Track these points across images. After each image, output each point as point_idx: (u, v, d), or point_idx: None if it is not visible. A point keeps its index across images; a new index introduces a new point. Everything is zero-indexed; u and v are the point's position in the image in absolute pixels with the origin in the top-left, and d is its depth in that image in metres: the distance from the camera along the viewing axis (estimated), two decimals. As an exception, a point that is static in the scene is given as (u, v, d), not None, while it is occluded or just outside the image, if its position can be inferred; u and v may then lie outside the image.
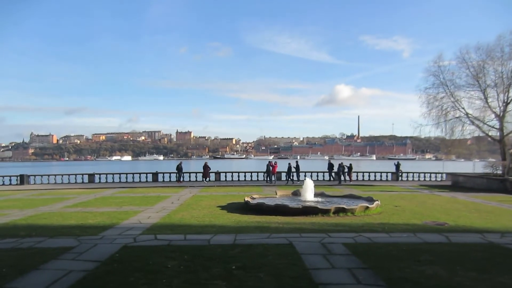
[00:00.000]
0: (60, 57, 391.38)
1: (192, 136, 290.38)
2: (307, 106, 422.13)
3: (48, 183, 29.04)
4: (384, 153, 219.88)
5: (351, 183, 27.14)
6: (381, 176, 30.28)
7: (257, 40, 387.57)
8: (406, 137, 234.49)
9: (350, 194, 16.45)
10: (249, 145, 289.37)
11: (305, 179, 17.91)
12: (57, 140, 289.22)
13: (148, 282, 5.63)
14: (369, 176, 30.23)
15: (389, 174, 30.45)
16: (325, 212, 12.02)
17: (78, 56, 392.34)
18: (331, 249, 7.47)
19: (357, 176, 29.99)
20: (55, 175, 30.10)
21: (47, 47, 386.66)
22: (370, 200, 14.24)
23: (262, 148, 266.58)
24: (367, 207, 12.63)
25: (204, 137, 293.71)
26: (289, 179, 26.38)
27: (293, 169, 26.86)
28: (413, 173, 31.56)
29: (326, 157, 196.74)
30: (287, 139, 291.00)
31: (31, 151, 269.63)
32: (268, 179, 26.57)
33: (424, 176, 30.83)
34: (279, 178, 27.92)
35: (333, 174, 28.25)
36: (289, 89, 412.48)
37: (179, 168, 28.11)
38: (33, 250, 7.74)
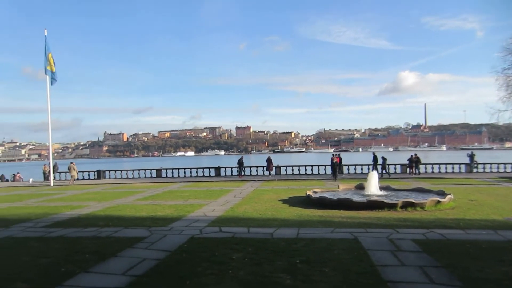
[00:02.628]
0: (126, 60, 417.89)
1: (251, 131, 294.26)
2: (368, 96, 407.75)
3: (121, 178, 31.20)
4: (456, 143, 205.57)
5: (418, 176, 25.67)
6: (453, 168, 28.32)
7: (311, 31, 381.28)
8: (481, 125, 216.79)
9: (418, 188, 15.58)
10: (309, 138, 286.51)
11: (368, 172, 17.33)
12: (127, 138, 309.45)
13: (215, 273, 5.81)
14: (439, 168, 28.43)
15: (462, 166, 28.36)
16: (392, 206, 11.52)
17: (142, 59, 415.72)
18: (400, 246, 7.15)
19: (425, 168, 28.34)
20: (127, 170, 32.27)
21: (114, 50, 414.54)
22: (442, 193, 13.39)
23: (322, 141, 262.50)
24: (439, 201, 11.87)
25: (263, 131, 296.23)
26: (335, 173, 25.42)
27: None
28: (491, 164, 29.06)
29: (391, 149, 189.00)
30: (347, 131, 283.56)
31: (105, 148, 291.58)
32: (333, 173, 25.51)
33: (505, 167, 28.23)
34: (341, 172, 27.31)
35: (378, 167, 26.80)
36: (348, 79, 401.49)
37: (240, 163, 28.61)
38: (111, 239, 8.37)
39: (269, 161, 28.29)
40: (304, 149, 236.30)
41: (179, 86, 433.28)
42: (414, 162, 26.43)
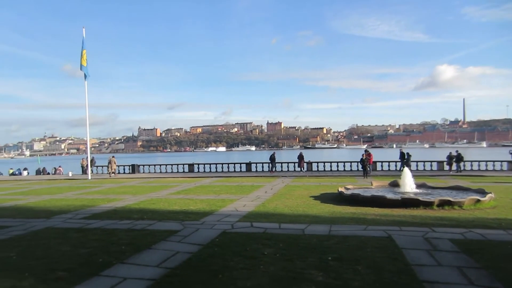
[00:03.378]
0: (160, 57, 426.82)
1: (282, 126, 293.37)
2: (402, 91, 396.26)
3: (155, 172, 32.00)
4: (497, 139, 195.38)
5: (458, 173, 24.67)
6: (493, 165, 26.98)
7: (344, 25, 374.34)
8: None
9: (456, 186, 14.96)
10: (341, 134, 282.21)
11: (403, 169, 16.84)
12: (160, 133, 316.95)
13: (246, 267, 5.84)
14: (478, 165, 27.20)
15: (504, 163, 26.94)
16: (428, 204, 11.15)
17: (175, 55, 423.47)
18: (436, 245, 6.90)
19: (464, 166, 27.20)
20: (160, 165, 33.03)
21: (149, 48, 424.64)
22: (481, 192, 12.81)
23: (355, 137, 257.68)
24: (478, 200, 11.35)
25: (294, 127, 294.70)
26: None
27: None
28: (536, 162, 27.49)
29: (426, 145, 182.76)
30: (381, 127, 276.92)
31: (139, 143, 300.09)
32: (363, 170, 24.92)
33: (555, 166, 26.59)
34: (374, 169, 26.73)
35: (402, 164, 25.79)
36: (382, 74, 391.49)
37: (272, 158, 28.54)
38: (145, 232, 8.60)
39: (300, 157, 28.11)
40: (336, 145, 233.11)
41: (211, 81, 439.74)
42: (455, 158, 25.33)
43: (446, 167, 26.26)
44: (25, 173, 38.81)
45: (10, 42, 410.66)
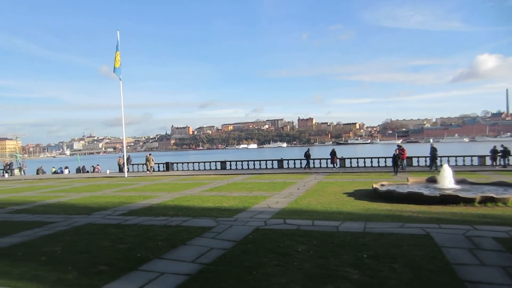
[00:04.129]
0: (192, 56, 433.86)
1: (313, 122, 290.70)
2: (439, 83, 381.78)
3: (188, 170, 32.61)
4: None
5: (504, 168, 23.49)
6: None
7: (376, 17, 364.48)
8: None
9: (499, 181, 14.24)
10: (374, 129, 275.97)
11: (441, 164, 16.23)
12: (193, 132, 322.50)
13: (280, 264, 5.85)
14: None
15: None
16: (469, 201, 10.69)
17: (206, 54, 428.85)
18: (479, 243, 6.61)
19: (508, 160, 25.82)
20: (193, 162, 33.63)
21: (178, 49, 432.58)
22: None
23: (389, 132, 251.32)
24: (524, 197, 10.77)
25: (326, 123, 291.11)
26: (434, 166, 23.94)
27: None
28: None
29: (466, 139, 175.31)
30: (417, 121, 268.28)
31: (172, 141, 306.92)
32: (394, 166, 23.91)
33: None
34: (410, 164, 25.95)
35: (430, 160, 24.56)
36: (417, 66, 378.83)
37: (307, 155, 28.23)
38: (180, 228, 8.79)
39: (333, 153, 27.71)
40: (369, 140, 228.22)
41: (241, 79, 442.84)
42: (501, 153, 24.11)
43: (489, 162, 25.04)
44: (66, 171, 40.66)
45: (52, 48, 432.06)
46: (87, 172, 39.08)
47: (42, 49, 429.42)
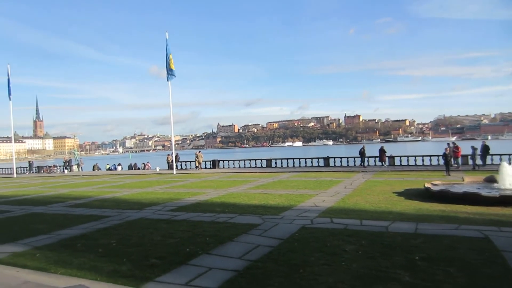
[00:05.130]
0: (238, 54, 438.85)
1: (361, 119, 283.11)
2: (498, 76, 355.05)
3: (234, 167, 33.05)
4: None
5: None
6: None
7: (427, 9, 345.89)
8: None
9: None
10: (425, 126, 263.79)
11: (500, 162, 15.15)
12: (238, 130, 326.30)
13: (327, 263, 5.77)
14: None
15: None
16: (532, 203, 9.91)
17: (252, 52, 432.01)
18: (545, 248, 6.11)
19: None
20: (239, 160, 34.00)
21: (224, 47, 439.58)
22: None
23: (442, 128, 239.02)
24: None
25: (374, 120, 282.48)
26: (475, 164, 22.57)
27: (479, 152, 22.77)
28: None
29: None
30: (473, 117, 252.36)
31: (218, 139, 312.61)
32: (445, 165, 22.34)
33: None
34: (465, 163, 24.52)
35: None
36: (472, 59, 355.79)
37: (362, 153, 27.39)
38: (227, 224, 8.94)
39: (381, 151, 26.84)
40: (420, 137, 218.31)
41: (287, 77, 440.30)
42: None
43: None
44: (119, 168, 42.83)
45: (106, 51, 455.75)
46: (138, 169, 40.88)
47: (97, 52, 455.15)
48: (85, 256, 6.75)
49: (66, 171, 41.32)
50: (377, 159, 27.46)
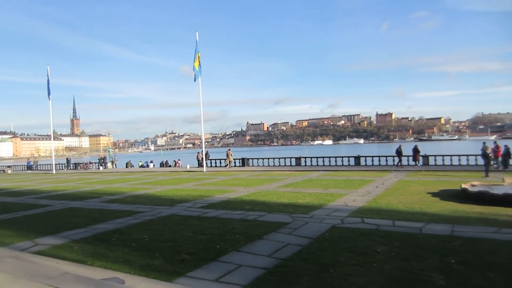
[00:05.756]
0: (267, 53, 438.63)
1: (393, 117, 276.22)
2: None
3: (263, 166, 33.10)
4: None
5: None
6: None
7: (464, 0, 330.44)
8: None
9: None
10: (462, 124, 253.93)
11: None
12: (267, 128, 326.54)
13: (358, 264, 5.67)
14: None
15: None
16: None
17: (282, 50, 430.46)
18: None
19: None
20: (268, 158, 34.02)
21: (253, 45, 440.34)
22: None
23: (480, 127, 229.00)
24: None
25: (407, 118, 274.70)
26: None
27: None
28: None
29: None
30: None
31: (247, 137, 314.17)
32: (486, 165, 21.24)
33: None
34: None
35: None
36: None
37: (399, 152, 26.57)
38: (257, 222, 8.96)
39: (415, 150, 26.05)
40: (456, 136, 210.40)
41: (317, 74, 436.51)
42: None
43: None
44: (151, 165, 43.88)
45: (139, 51, 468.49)
46: (170, 166, 41.70)
47: (131, 53, 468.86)
48: (119, 250, 6.97)
49: (101, 167, 42.79)
50: (410, 158, 26.68)
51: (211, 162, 35.71)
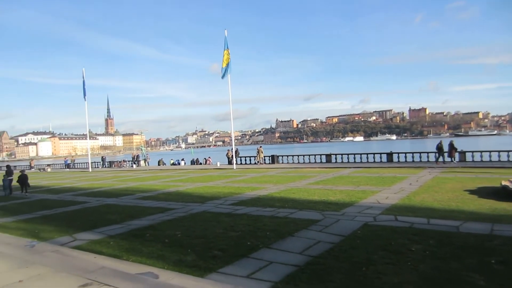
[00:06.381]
0: (295, 50, 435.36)
1: (427, 112, 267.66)
2: None
3: (293, 163, 32.96)
4: None
5: None
6: None
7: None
8: None
9: None
10: (502, 118, 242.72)
11: None
12: (297, 125, 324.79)
13: (392, 262, 5.54)
14: None
15: None
16: None
17: (311, 47, 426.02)
18: None
19: None
20: (298, 155, 33.84)
21: (282, 42, 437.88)
22: None
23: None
24: None
25: (442, 112, 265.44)
26: None
27: None
28: None
29: None
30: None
31: (277, 135, 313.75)
32: None
33: None
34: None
35: None
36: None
37: (439, 148, 25.67)
38: (287, 220, 8.95)
39: (451, 145, 25.08)
40: (495, 131, 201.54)
41: (347, 70, 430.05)
42: None
43: None
44: (182, 163, 44.72)
45: (170, 51, 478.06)
46: (200, 164, 42.32)
47: (162, 53, 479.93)
48: (153, 245, 7.15)
49: (134, 165, 44.01)
50: (445, 154, 25.74)
51: (240, 160, 35.94)
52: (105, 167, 47.68)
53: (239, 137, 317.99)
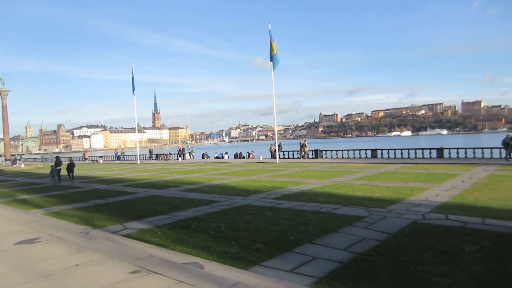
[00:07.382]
0: (338, 43, 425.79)
1: (482, 105, 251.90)
2: None
3: (336, 157, 32.35)
4: None
5: None
6: None
7: None
8: None
9: None
10: None
11: None
12: (341, 119, 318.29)
13: (442, 263, 5.30)
14: None
15: None
16: None
17: (356, 39, 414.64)
18: None
19: None
20: (342, 150, 33.17)
21: (325, 36, 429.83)
22: None
23: None
24: None
25: (499, 106, 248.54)
26: None
27: None
28: None
29: None
30: None
31: (320, 129, 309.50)
32: None
33: None
34: None
35: None
36: None
37: (506, 143, 24.07)
38: (331, 215, 8.82)
39: (509, 140, 23.39)
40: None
41: (395, 62, 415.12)
42: None
43: None
44: (226, 156, 45.40)
45: (214, 46, 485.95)
46: (243, 157, 42.73)
47: (206, 48, 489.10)
48: (198, 236, 7.34)
49: (180, 158, 45.31)
50: (503, 150, 24.05)
51: (283, 154, 35.86)
52: (153, 159, 49.48)
53: (282, 131, 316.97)
